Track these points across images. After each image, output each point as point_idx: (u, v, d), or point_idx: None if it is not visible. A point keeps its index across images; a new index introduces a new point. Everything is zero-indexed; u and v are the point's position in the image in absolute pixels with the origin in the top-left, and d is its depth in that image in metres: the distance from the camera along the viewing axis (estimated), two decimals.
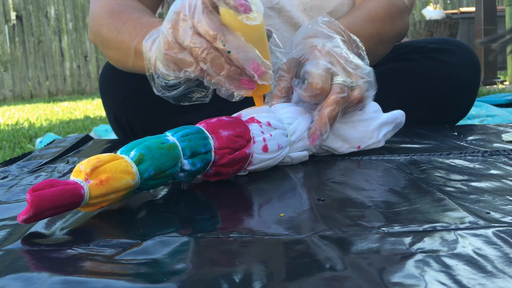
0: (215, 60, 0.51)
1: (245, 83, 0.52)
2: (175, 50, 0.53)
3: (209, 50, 0.50)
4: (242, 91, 0.53)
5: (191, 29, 0.51)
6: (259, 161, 0.54)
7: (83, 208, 0.42)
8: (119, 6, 0.73)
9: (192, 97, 0.58)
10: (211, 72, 0.52)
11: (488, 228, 0.35)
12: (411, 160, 0.59)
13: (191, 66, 0.52)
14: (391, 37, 0.78)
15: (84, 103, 3.61)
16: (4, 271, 0.31)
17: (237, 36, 0.51)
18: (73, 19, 5.40)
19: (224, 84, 0.52)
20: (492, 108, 1.44)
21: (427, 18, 3.91)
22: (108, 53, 0.75)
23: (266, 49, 0.53)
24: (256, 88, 0.54)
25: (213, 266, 0.31)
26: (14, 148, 1.47)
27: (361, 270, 0.29)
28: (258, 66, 0.51)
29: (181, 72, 0.54)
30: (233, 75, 0.52)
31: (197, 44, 0.50)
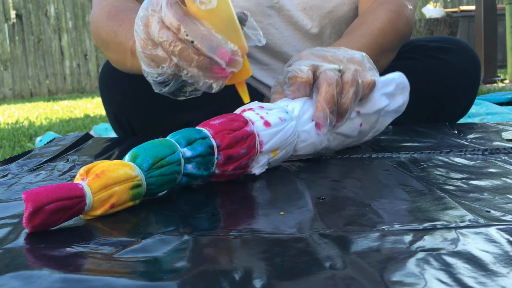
0: (183, 52, 0.50)
1: (217, 71, 0.51)
2: (149, 47, 0.52)
3: (176, 43, 0.50)
4: (218, 81, 0.52)
5: (159, 23, 0.50)
6: (269, 137, 0.53)
7: (96, 209, 0.41)
8: (116, 8, 0.73)
9: (186, 92, 0.57)
10: (182, 64, 0.51)
11: (488, 226, 0.35)
12: (411, 158, 0.59)
13: (166, 61, 0.52)
14: (393, 45, 0.78)
15: (84, 101, 3.61)
16: (4, 270, 0.31)
17: (200, 25, 0.49)
18: (73, 18, 5.40)
19: (199, 76, 0.51)
20: (492, 105, 1.44)
21: (427, 17, 3.90)
22: (109, 55, 0.75)
23: (237, 34, 0.52)
24: (232, 75, 0.52)
25: (213, 264, 0.31)
26: (14, 147, 1.47)
27: (361, 269, 0.29)
28: (225, 53, 0.49)
29: (159, 68, 0.53)
30: (203, 65, 0.50)
31: (165, 37, 0.50)
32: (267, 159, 0.54)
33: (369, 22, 0.76)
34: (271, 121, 0.54)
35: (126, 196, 0.43)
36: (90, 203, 0.40)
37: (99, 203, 0.41)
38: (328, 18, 0.88)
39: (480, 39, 2.96)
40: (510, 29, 2.84)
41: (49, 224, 0.38)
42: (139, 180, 0.44)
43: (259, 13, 0.86)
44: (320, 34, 0.90)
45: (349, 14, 0.89)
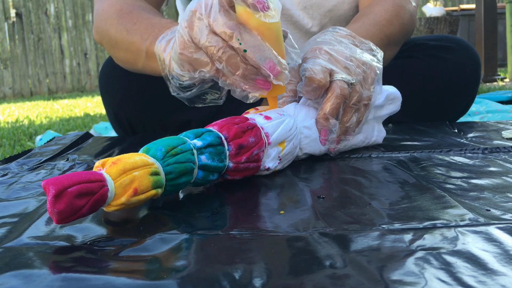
0: (231, 59, 0.50)
1: (260, 83, 0.51)
2: (190, 50, 0.52)
3: (225, 49, 0.50)
4: (257, 92, 0.52)
5: (207, 28, 0.50)
6: (273, 128, 0.53)
7: (119, 197, 0.39)
8: (128, 6, 0.72)
9: (206, 99, 0.57)
10: (227, 71, 0.51)
11: (488, 225, 0.35)
12: (411, 157, 0.59)
13: (207, 66, 0.52)
14: (399, 38, 0.78)
15: (84, 100, 3.61)
16: (4, 269, 0.31)
17: (254, 35, 0.50)
18: (73, 17, 5.40)
19: (239, 84, 0.51)
20: (491, 103, 1.44)
21: (427, 15, 3.90)
22: (116, 54, 0.74)
23: (282, 49, 0.53)
24: (271, 88, 0.52)
25: (213, 263, 0.31)
26: (14, 146, 1.47)
27: (361, 268, 0.29)
28: (274, 66, 0.50)
29: (196, 72, 0.53)
30: (248, 75, 0.51)
31: (213, 43, 0.50)
32: (277, 152, 0.54)
33: (377, 12, 0.75)
34: (271, 116, 0.54)
35: (147, 182, 0.41)
36: (112, 189, 0.39)
37: (121, 188, 0.39)
38: (328, 17, 0.88)
39: (480, 37, 2.96)
40: (510, 27, 2.84)
41: (75, 210, 0.36)
42: (156, 168, 0.43)
43: None
44: None
45: (349, 13, 0.89)
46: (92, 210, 0.38)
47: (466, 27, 4.07)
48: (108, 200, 0.39)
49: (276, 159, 0.54)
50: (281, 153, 0.55)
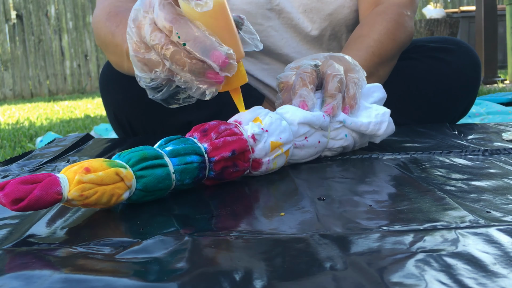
0: (175, 55, 0.47)
1: (211, 77, 0.48)
2: (142, 51, 0.50)
3: (167, 46, 0.47)
4: (212, 87, 0.49)
5: (151, 25, 0.48)
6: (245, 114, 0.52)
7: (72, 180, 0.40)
8: (116, 8, 0.72)
9: (179, 98, 0.55)
10: (175, 68, 0.48)
11: (488, 227, 0.35)
12: (412, 158, 0.59)
13: (159, 65, 0.49)
14: (392, 54, 0.78)
15: (85, 102, 3.61)
16: (5, 270, 0.31)
17: (194, 27, 0.47)
18: (73, 18, 5.40)
19: (192, 81, 0.49)
20: (491, 105, 1.44)
21: (428, 17, 3.90)
22: (108, 56, 0.75)
23: (233, 37, 0.49)
24: (226, 81, 0.49)
25: (214, 264, 0.31)
26: (15, 147, 1.47)
27: (361, 270, 0.29)
28: (219, 56, 0.46)
29: (152, 73, 0.50)
30: (196, 70, 0.47)
31: (157, 40, 0.47)
32: (257, 125, 0.52)
33: (365, 34, 0.76)
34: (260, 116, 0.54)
35: (100, 162, 0.41)
36: (64, 176, 0.40)
37: (71, 173, 0.40)
38: (328, 21, 0.88)
39: (480, 39, 2.97)
40: (510, 29, 2.84)
41: (23, 192, 0.37)
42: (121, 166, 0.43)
43: (260, 15, 0.86)
44: (320, 36, 0.90)
45: (349, 17, 0.89)
46: (47, 196, 0.38)
47: (466, 29, 4.07)
48: (64, 187, 0.39)
49: (257, 127, 0.51)
50: (262, 125, 0.52)
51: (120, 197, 0.42)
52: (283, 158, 0.55)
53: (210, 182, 0.51)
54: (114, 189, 0.42)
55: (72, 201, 0.40)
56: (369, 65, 0.72)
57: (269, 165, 0.53)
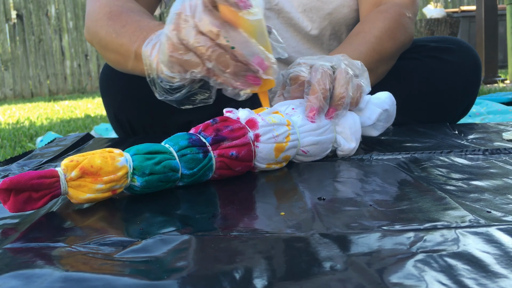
0: (220, 57, 0.51)
1: (251, 79, 0.52)
2: (180, 52, 0.52)
3: (214, 48, 0.50)
4: (248, 88, 0.54)
5: (194, 28, 0.51)
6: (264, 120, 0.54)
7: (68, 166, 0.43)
8: (117, 7, 0.72)
9: (195, 100, 0.58)
10: (217, 70, 0.52)
11: (489, 226, 0.35)
12: (412, 158, 0.59)
13: (198, 66, 0.52)
14: (391, 53, 0.78)
15: (85, 102, 3.61)
16: (5, 269, 0.31)
17: (240, 32, 0.51)
18: (74, 18, 5.40)
19: (230, 82, 0.53)
20: (492, 104, 1.44)
21: (428, 17, 3.90)
22: (106, 55, 0.75)
23: (268, 45, 0.54)
24: (261, 84, 0.54)
25: (214, 263, 0.31)
26: (15, 147, 1.47)
27: (361, 270, 0.29)
28: (262, 61, 0.51)
29: (187, 73, 0.54)
30: (238, 72, 0.52)
31: (201, 43, 0.50)
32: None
33: (367, 30, 0.76)
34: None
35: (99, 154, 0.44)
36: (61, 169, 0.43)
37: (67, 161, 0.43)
38: (327, 20, 0.88)
39: (480, 39, 2.96)
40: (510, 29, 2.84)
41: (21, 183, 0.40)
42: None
43: None
44: (320, 35, 0.90)
45: (348, 16, 0.89)
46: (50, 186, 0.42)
47: (466, 29, 4.07)
48: (62, 176, 0.43)
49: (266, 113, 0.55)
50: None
51: (116, 160, 0.44)
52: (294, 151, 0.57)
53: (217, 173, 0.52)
54: (103, 153, 0.45)
55: (70, 176, 0.43)
56: (369, 60, 0.72)
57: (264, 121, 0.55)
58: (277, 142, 0.54)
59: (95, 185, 0.43)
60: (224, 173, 0.52)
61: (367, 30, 0.76)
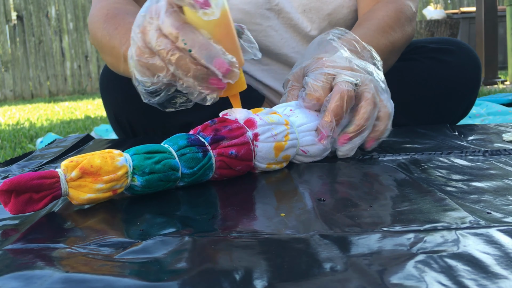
0: (180, 61, 0.49)
1: (214, 83, 0.50)
2: (146, 55, 0.51)
3: (173, 51, 0.49)
4: (213, 93, 0.51)
5: (157, 31, 0.49)
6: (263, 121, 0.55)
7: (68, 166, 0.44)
8: (114, 10, 0.72)
9: (176, 103, 0.56)
10: (179, 74, 0.50)
11: (489, 228, 0.35)
12: (412, 159, 0.59)
13: (163, 70, 0.51)
14: (401, 44, 0.78)
15: (85, 103, 3.61)
16: (5, 270, 0.31)
17: (199, 34, 0.49)
18: (74, 19, 5.40)
19: (194, 86, 0.51)
20: (492, 105, 1.44)
21: (428, 18, 3.90)
22: (103, 57, 0.76)
23: (235, 46, 0.51)
24: (227, 87, 0.51)
25: (214, 265, 0.31)
26: (15, 148, 1.47)
27: (362, 271, 0.29)
28: (222, 64, 0.48)
29: (154, 77, 0.52)
30: (200, 76, 0.49)
31: (162, 46, 0.49)
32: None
33: (380, 18, 0.75)
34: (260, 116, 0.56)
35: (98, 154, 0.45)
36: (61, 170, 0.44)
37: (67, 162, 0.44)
38: (327, 21, 0.88)
39: (480, 40, 2.97)
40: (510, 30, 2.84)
41: (21, 184, 0.41)
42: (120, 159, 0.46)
43: (259, 15, 0.86)
44: None
45: (348, 17, 0.89)
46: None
47: (466, 30, 4.07)
48: (62, 177, 0.43)
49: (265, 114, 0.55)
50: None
51: (115, 159, 0.45)
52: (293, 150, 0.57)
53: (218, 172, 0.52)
54: (103, 153, 0.45)
55: (70, 176, 0.43)
56: (384, 50, 0.71)
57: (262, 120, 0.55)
58: (276, 141, 0.54)
59: (95, 185, 0.43)
60: (224, 172, 0.52)
61: (380, 18, 0.75)
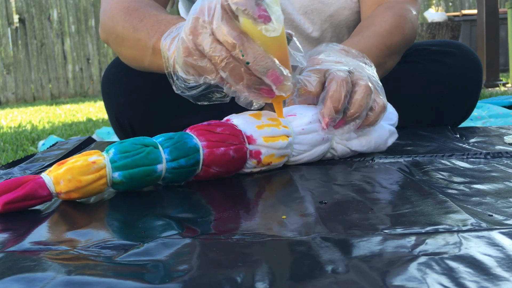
0: (235, 70, 0.50)
1: (264, 92, 0.52)
2: (195, 57, 0.52)
3: (228, 60, 0.50)
4: (261, 100, 0.53)
5: (210, 36, 0.50)
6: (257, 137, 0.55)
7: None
8: (135, 3, 0.72)
9: (211, 97, 0.57)
10: (231, 81, 0.51)
11: (490, 230, 0.35)
12: (413, 161, 0.59)
13: (212, 73, 0.52)
14: (400, 48, 0.78)
15: (87, 105, 3.61)
16: (7, 273, 0.31)
17: (256, 46, 0.49)
18: (76, 22, 5.42)
19: (243, 93, 0.52)
20: (493, 108, 1.44)
21: (429, 21, 3.90)
22: (122, 51, 0.74)
23: (286, 57, 0.52)
24: (275, 96, 0.53)
25: (215, 267, 0.31)
26: (17, 151, 1.48)
27: (363, 273, 0.29)
28: (276, 77, 0.50)
29: (201, 78, 0.53)
30: (252, 85, 0.51)
31: (217, 52, 0.50)
32: None
33: (377, 23, 0.76)
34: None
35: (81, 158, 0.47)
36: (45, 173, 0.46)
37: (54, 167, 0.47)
38: (329, 22, 0.88)
39: (482, 43, 2.97)
40: None
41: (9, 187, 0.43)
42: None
43: None
44: (321, 38, 0.90)
45: (350, 18, 0.89)
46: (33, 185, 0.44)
47: (468, 32, 4.07)
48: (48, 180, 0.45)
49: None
50: None
51: (99, 156, 0.47)
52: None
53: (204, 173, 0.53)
54: (84, 155, 0.47)
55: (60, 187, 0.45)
56: (379, 54, 0.72)
57: None
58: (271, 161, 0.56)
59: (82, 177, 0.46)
60: (214, 153, 0.52)
61: (377, 24, 0.76)
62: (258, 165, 0.55)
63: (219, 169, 0.52)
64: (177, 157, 0.50)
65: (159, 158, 0.49)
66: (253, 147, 0.54)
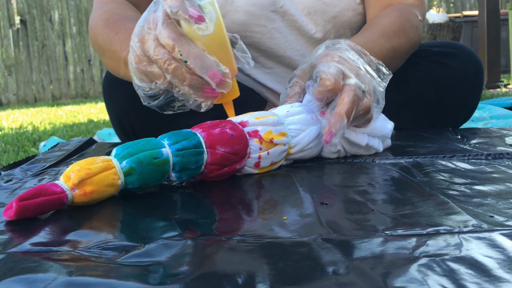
0: (177, 70, 0.53)
1: (208, 91, 0.54)
2: (144, 63, 0.54)
3: (170, 61, 0.52)
4: (207, 100, 0.55)
5: (155, 41, 0.53)
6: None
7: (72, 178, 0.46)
8: (114, 16, 0.74)
9: (174, 106, 0.59)
10: (175, 82, 0.53)
11: (492, 231, 0.35)
12: (414, 162, 0.59)
13: (160, 78, 0.54)
14: (405, 50, 0.79)
15: (88, 106, 3.62)
16: (8, 274, 0.31)
17: (194, 46, 0.52)
18: (77, 23, 5.43)
19: (190, 94, 0.54)
20: (494, 109, 1.44)
21: (430, 22, 3.90)
22: (104, 61, 0.78)
23: (228, 57, 0.55)
24: (221, 95, 0.55)
25: (216, 268, 0.31)
26: (18, 152, 1.48)
27: (364, 274, 0.29)
28: (216, 74, 0.52)
29: (152, 84, 0.55)
30: (195, 84, 0.53)
31: (160, 55, 0.53)
32: None
33: (385, 24, 0.77)
34: (262, 164, 0.57)
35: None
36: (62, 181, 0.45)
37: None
38: (332, 23, 0.88)
39: (483, 44, 2.97)
40: None
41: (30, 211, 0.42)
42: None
43: (263, 17, 0.86)
44: (324, 39, 0.90)
45: (353, 20, 0.89)
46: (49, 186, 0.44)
47: (469, 34, 4.07)
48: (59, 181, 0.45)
49: None
50: None
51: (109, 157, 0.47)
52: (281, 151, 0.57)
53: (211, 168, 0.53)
54: (98, 160, 0.47)
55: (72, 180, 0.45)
56: (387, 55, 0.72)
57: None
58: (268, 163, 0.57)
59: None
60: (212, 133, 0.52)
61: (385, 24, 0.76)
62: (262, 144, 0.55)
63: (224, 149, 0.52)
64: (177, 140, 0.50)
65: (160, 143, 0.50)
66: (249, 128, 0.55)
